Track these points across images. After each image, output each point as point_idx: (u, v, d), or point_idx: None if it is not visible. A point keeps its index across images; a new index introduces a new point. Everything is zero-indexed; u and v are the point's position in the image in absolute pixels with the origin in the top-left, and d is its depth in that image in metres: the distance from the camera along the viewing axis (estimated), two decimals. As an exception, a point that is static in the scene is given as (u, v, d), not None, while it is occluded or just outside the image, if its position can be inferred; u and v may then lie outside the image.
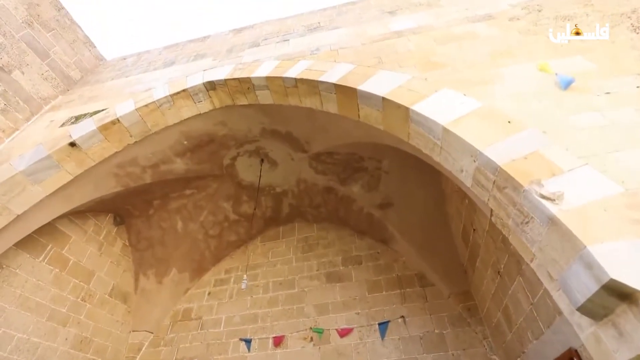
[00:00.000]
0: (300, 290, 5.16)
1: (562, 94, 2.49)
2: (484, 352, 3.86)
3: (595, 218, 1.68)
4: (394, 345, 4.21)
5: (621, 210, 1.68)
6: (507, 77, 2.79)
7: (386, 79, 3.14)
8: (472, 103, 2.58)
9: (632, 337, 1.48)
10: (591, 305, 1.63)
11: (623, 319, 1.53)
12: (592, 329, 1.70)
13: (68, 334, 4.26)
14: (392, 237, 5.17)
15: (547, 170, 1.95)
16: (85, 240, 4.83)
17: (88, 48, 5.64)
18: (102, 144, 3.92)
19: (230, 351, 4.74)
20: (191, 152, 4.87)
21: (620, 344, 1.55)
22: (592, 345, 1.72)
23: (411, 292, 4.65)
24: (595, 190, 1.79)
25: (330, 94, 3.47)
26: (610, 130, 2.12)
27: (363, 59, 3.62)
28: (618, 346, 1.56)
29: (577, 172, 1.91)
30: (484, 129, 2.34)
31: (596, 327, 1.68)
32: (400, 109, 2.83)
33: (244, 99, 4.17)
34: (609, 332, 1.61)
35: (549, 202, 1.80)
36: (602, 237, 1.60)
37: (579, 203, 1.75)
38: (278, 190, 5.87)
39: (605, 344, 1.63)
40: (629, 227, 1.60)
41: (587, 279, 1.61)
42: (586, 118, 2.24)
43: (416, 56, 3.41)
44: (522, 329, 2.95)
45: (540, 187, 1.88)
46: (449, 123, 2.46)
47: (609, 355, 1.61)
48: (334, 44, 4.15)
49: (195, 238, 5.79)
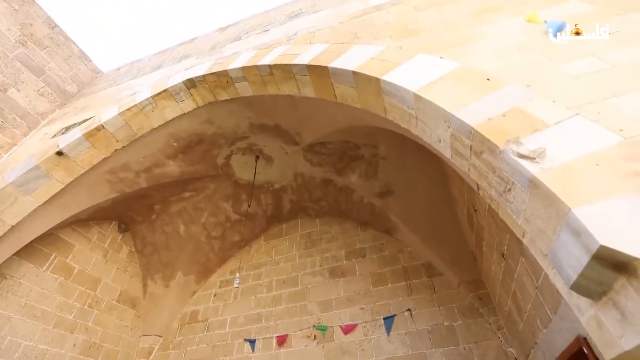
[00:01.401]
0: (304, 287, 4.99)
1: (552, 43, 2.15)
2: (498, 344, 3.50)
3: (583, 175, 1.37)
4: (401, 341, 3.94)
5: (617, 163, 1.37)
6: (490, 34, 2.48)
7: (359, 53, 2.91)
8: (448, 65, 2.30)
9: (636, 318, 1.18)
10: (585, 281, 1.33)
11: (623, 296, 1.22)
12: (592, 311, 1.40)
13: (76, 340, 4.34)
14: (396, 226, 4.87)
15: (528, 126, 1.66)
16: (89, 248, 4.93)
17: (84, 62, 5.79)
18: (89, 151, 3.96)
19: (235, 352, 4.66)
20: (182, 154, 4.84)
21: (624, 328, 1.24)
22: (594, 331, 1.42)
23: (418, 284, 4.35)
24: (586, 142, 1.48)
25: (304, 76, 3.28)
26: (609, 74, 1.78)
27: (339, 37, 3.40)
28: (622, 331, 1.25)
29: (564, 124, 1.60)
30: (459, 90, 2.06)
31: (596, 309, 1.37)
32: (372, 81, 2.59)
33: (225, 93, 4.07)
34: (610, 314, 1.31)
35: (529, 162, 1.51)
36: (592, 196, 1.30)
37: (565, 159, 1.45)
38: (277, 186, 5.74)
39: (607, 329, 1.33)
40: (626, 182, 1.29)
41: (577, 249, 1.31)
42: (580, 65, 1.90)
43: (393, 26, 3.14)
44: (532, 316, 2.61)
45: (519, 145, 1.59)
46: (420, 89, 2.20)
47: (613, 342, 1.30)
48: (312, 26, 3.95)
49: (198, 240, 5.79)
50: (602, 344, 1.37)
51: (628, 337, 1.23)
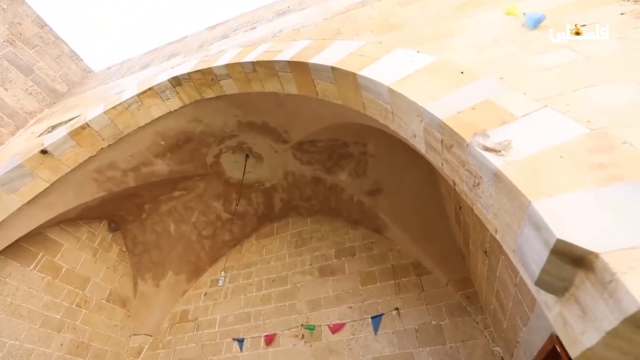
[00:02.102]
0: (293, 286, 4.96)
1: (529, 36, 2.11)
2: (485, 343, 3.46)
3: (547, 167, 1.34)
4: (388, 340, 3.90)
5: (581, 154, 1.33)
6: (469, 28, 2.44)
7: (339, 48, 2.87)
8: (425, 59, 2.26)
9: (595, 314, 1.14)
10: (547, 277, 1.29)
11: (583, 291, 1.19)
12: (558, 307, 1.36)
13: (63, 340, 4.33)
14: (385, 225, 4.83)
15: (497, 118, 1.62)
16: (78, 248, 4.92)
17: (74, 61, 5.79)
18: (74, 149, 3.94)
19: (224, 351, 4.63)
20: (171, 152, 4.82)
21: (585, 325, 1.21)
22: (560, 329, 1.38)
23: (406, 282, 4.31)
24: (552, 134, 1.44)
25: (287, 73, 3.25)
26: (582, 65, 1.74)
27: (322, 34, 3.37)
28: (584, 327, 1.22)
29: (532, 116, 1.56)
30: (433, 84, 2.02)
31: (560, 305, 1.34)
32: (349, 76, 2.56)
33: (211, 91, 4.05)
34: (572, 310, 1.27)
35: (494, 155, 1.47)
36: (553, 189, 1.26)
37: (530, 152, 1.42)
38: (267, 185, 5.71)
39: (571, 326, 1.29)
40: (589, 175, 1.25)
41: (538, 244, 1.28)
42: (554, 57, 1.87)
43: (376, 22, 3.11)
44: (513, 315, 2.57)
45: (485, 138, 1.55)
46: (394, 83, 2.17)
47: (576, 339, 1.27)
48: (297, 23, 3.92)
49: (189, 239, 5.76)
50: (567, 342, 1.34)
51: (589, 334, 1.19)
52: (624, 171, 1.22)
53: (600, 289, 1.09)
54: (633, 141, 1.30)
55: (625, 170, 1.23)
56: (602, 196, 1.18)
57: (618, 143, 1.32)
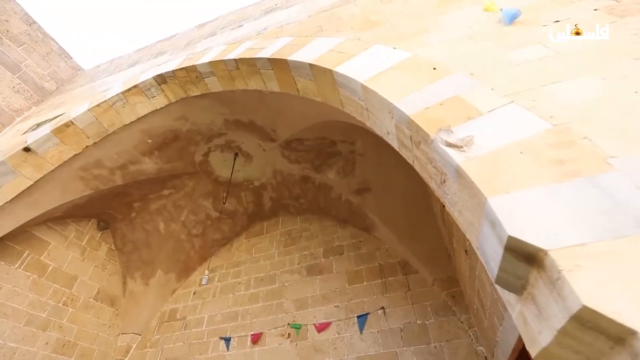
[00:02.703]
0: (281, 285, 4.94)
1: (504, 31, 2.09)
2: (469, 343, 3.44)
3: (506, 163, 1.31)
4: (373, 339, 3.88)
5: (542, 150, 1.31)
6: (447, 24, 2.41)
7: (319, 45, 2.85)
8: (400, 55, 2.24)
9: (548, 313, 1.12)
10: (505, 275, 1.27)
11: (537, 289, 1.16)
12: (518, 307, 1.34)
13: (49, 339, 4.31)
14: (373, 224, 4.81)
15: (463, 114, 1.60)
16: (65, 246, 4.90)
17: (64, 59, 5.77)
18: (58, 147, 3.92)
19: (210, 350, 4.62)
20: (158, 151, 4.80)
21: (541, 324, 1.18)
22: (522, 328, 1.35)
23: (393, 281, 4.28)
24: (515, 130, 1.42)
25: (268, 70, 3.23)
26: (552, 61, 1.72)
27: (305, 31, 3.35)
28: (540, 326, 1.19)
29: (498, 112, 1.54)
30: (405, 80, 2.00)
31: (521, 305, 1.31)
32: (326, 73, 2.54)
33: (196, 89, 4.02)
34: (530, 309, 1.24)
35: (455, 151, 1.45)
36: (510, 185, 1.24)
37: (491, 147, 1.39)
38: (256, 184, 5.69)
39: (530, 325, 1.26)
40: (546, 170, 1.23)
41: (494, 241, 1.25)
42: (526, 52, 1.84)
43: (357, 19, 3.09)
44: (491, 314, 2.54)
45: (449, 134, 1.53)
46: (367, 79, 2.14)
47: (534, 339, 1.24)
48: (282, 21, 3.90)
49: (179, 238, 5.75)
50: (527, 341, 1.31)
51: (544, 333, 1.17)
52: (581, 167, 1.20)
53: (550, 287, 1.07)
54: (593, 137, 1.28)
55: (582, 166, 1.20)
56: (557, 192, 1.16)
57: (578, 139, 1.30)
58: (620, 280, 0.92)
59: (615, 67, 1.52)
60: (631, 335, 0.85)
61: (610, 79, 1.47)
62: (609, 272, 0.94)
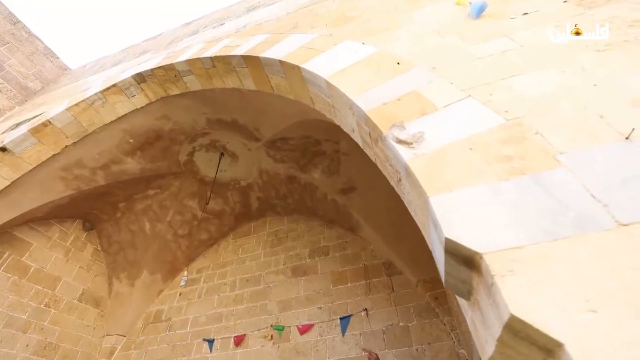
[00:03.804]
0: (266, 286, 4.87)
1: (471, 25, 2.02)
2: (451, 345, 3.36)
3: (453, 160, 1.24)
4: (355, 341, 3.81)
5: (491, 146, 1.24)
6: (417, 19, 2.34)
7: (291, 42, 2.78)
8: (367, 50, 2.17)
9: (488, 321, 1.05)
10: (451, 279, 1.20)
11: (480, 295, 1.09)
12: (469, 312, 1.27)
13: (29, 340, 4.26)
14: (358, 224, 4.74)
15: (418, 109, 1.53)
16: (49, 247, 4.86)
17: (49, 59, 5.73)
18: (36, 147, 3.87)
19: (194, 352, 4.56)
20: (141, 151, 4.74)
21: (485, 332, 1.11)
22: (474, 336, 1.28)
23: (377, 282, 4.21)
24: (468, 125, 1.35)
25: (243, 68, 3.16)
26: (515, 54, 1.64)
27: (281, 27, 3.28)
28: (485, 335, 1.12)
29: (453, 106, 1.47)
30: (367, 75, 1.93)
31: (471, 311, 1.24)
32: (295, 70, 2.47)
33: (175, 87, 3.97)
34: (477, 317, 1.18)
35: (405, 147, 1.38)
36: (454, 183, 1.17)
37: (440, 144, 1.32)
38: (243, 183, 5.63)
39: (479, 333, 1.20)
40: (493, 168, 1.16)
41: (438, 243, 1.19)
42: (491, 45, 1.77)
43: (333, 15, 3.02)
44: (465, 317, 2.46)
45: (401, 130, 1.46)
46: (331, 75, 2.07)
47: (483, 347, 1.17)
48: (262, 18, 3.84)
49: (165, 239, 5.69)
50: (479, 349, 1.24)
51: (489, 342, 1.10)
52: (529, 164, 1.13)
53: (487, 293, 1.00)
54: (545, 132, 1.21)
55: (530, 163, 1.13)
56: (499, 191, 1.08)
57: (530, 134, 1.22)
58: (552, 286, 0.85)
59: (577, 60, 1.45)
60: (558, 347, 0.78)
61: (570, 72, 1.40)
62: (541, 278, 0.87)
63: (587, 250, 0.87)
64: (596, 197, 0.97)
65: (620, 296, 0.79)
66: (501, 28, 1.87)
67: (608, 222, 0.91)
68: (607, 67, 1.36)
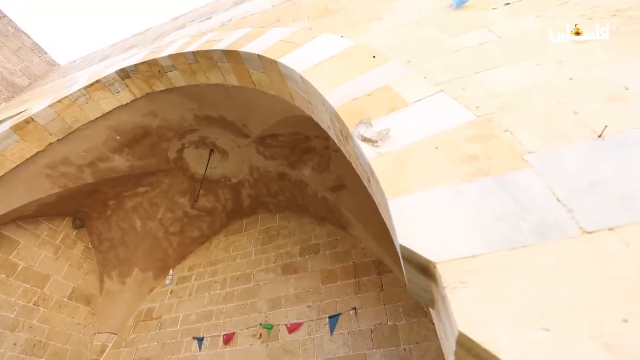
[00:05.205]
0: (256, 284, 4.83)
1: (451, 17, 1.92)
2: (438, 345, 3.31)
3: (417, 159, 1.17)
4: (343, 341, 3.76)
5: (458, 145, 1.16)
6: (397, 11, 2.25)
7: (272, 36, 2.69)
8: (345, 43, 2.08)
9: (447, 332, 0.98)
10: (414, 287, 1.14)
11: (439, 305, 1.02)
12: (436, 322, 1.20)
13: (17, 339, 4.25)
14: (349, 221, 4.67)
15: (388, 105, 1.44)
16: (37, 245, 4.82)
17: (37, 55, 5.64)
18: (19, 144, 3.81)
19: (183, 350, 4.54)
20: (128, 148, 4.68)
21: (447, 343, 1.05)
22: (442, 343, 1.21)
23: (366, 281, 4.15)
24: (436, 122, 1.27)
25: (224, 63, 3.08)
26: (492, 46, 1.55)
27: (264, 21, 3.19)
28: (447, 346, 1.06)
29: (424, 102, 1.39)
30: (342, 69, 1.84)
31: (437, 320, 1.17)
32: (273, 64, 2.38)
33: (160, 83, 3.88)
34: (440, 327, 1.11)
35: (369, 146, 1.30)
36: (415, 185, 1.09)
37: (405, 142, 1.24)
38: (234, 180, 5.56)
39: (443, 343, 1.13)
40: (457, 168, 1.08)
41: (398, 249, 1.11)
42: (469, 37, 1.68)
43: (316, 8, 2.92)
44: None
45: (367, 127, 1.38)
46: (306, 69, 1.99)
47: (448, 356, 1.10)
48: (247, 12, 3.74)
49: (156, 236, 5.65)
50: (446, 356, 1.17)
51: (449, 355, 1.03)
52: (495, 164, 1.05)
53: (442, 305, 0.93)
54: (515, 129, 1.13)
55: (495, 163, 1.05)
56: (461, 193, 1.01)
57: (499, 131, 1.14)
58: (505, 301, 0.77)
59: (554, 51, 1.36)
60: (507, 369, 0.71)
61: (546, 64, 1.31)
62: (494, 291, 0.80)
63: (546, 260, 0.80)
64: (562, 201, 0.90)
65: (577, 312, 0.72)
66: (481, 19, 1.77)
67: (571, 228, 0.83)
68: (586, 59, 1.27)
